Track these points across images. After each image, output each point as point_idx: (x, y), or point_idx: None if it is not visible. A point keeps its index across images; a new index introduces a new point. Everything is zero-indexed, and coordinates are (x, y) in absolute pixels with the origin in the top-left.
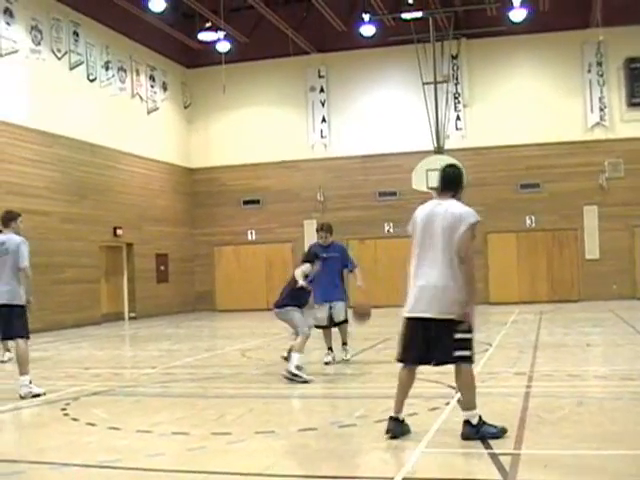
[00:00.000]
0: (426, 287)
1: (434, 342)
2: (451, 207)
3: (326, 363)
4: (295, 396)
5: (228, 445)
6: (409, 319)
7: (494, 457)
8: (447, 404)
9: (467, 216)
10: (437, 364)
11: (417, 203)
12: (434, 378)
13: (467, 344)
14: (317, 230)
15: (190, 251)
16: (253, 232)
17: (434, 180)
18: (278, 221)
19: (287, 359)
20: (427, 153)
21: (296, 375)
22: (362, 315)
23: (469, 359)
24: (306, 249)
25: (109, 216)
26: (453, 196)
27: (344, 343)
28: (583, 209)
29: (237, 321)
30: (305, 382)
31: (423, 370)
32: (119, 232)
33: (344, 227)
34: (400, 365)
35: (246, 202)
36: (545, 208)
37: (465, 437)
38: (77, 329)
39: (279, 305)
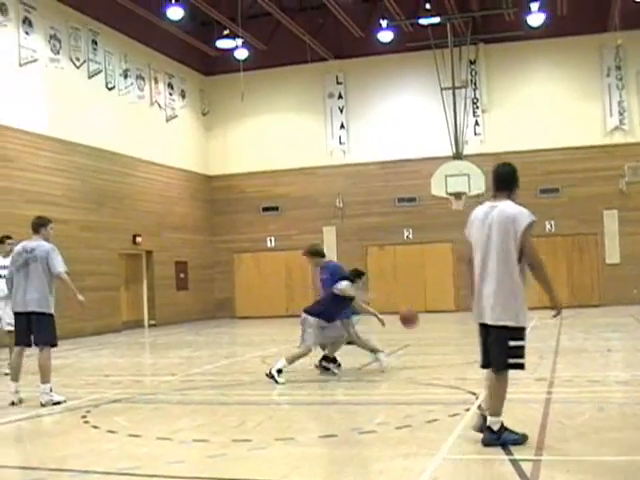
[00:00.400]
0: (482, 293)
1: (491, 348)
2: (505, 209)
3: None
4: (315, 403)
5: (248, 452)
6: (479, 325)
7: (515, 463)
8: (467, 410)
9: (521, 217)
10: (494, 370)
11: (436, 209)
12: (454, 384)
13: (520, 352)
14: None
15: (209, 258)
16: (272, 239)
17: (452, 186)
18: (297, 228)
19: (321, 366)
20: (446, 159)
21: (273, 377)
22: (409, 321)
23: (522, 366)
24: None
25: (128, 224)
26: (508, 196)
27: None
28: (603, 214)
29: (257, 328)
30: (277, 383)
31: (442, 376)
32: (138, 240)
33: (363, 233)
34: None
35: (265, 209)
36: (565, 213)
37: (486, 444)
38: (97, 337)
39: (318, 314)
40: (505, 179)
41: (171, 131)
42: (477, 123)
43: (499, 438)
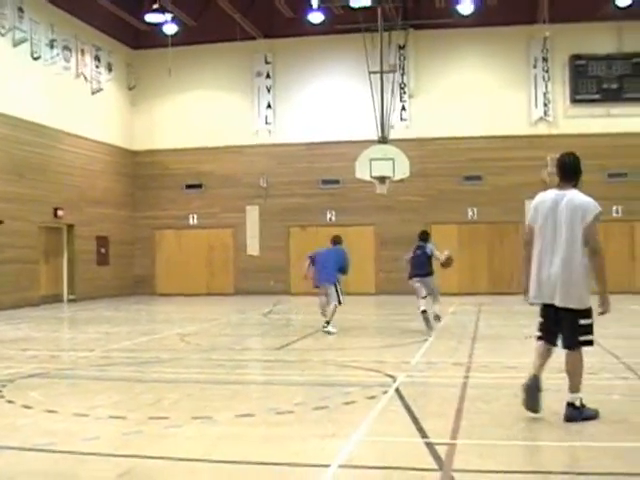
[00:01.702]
0: (550, 277)
1: (561, 327)
2: (574, 197)
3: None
4: (233, 382)
5: (165, 430)
6: (542, 305)
7: (431, 446)
8: (385, 392)
9: (590, 207)
10: (564, 347)
11: (360, 192)
12: (372, 367)
13: (589, 329)
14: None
15: (131, 234)
16: (195, 216)
17: (377, 169)
18: (220, 206)
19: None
20: (371, 142)
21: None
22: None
23: (591, 343)
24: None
25: (49, 197)
26: (574, 185)
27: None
28: (525, 203)
29: (176, 305)
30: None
31: (361, 359)
32: (60, 213)
33: (286, 213)
34: (539, 342)
35: (188, 186)
36: (487, 201)
37: (568, 419)
38: (15, 310)
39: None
40: (571, 169)
41: (96, 104)
42: (404, 108)
43: (581, 413)
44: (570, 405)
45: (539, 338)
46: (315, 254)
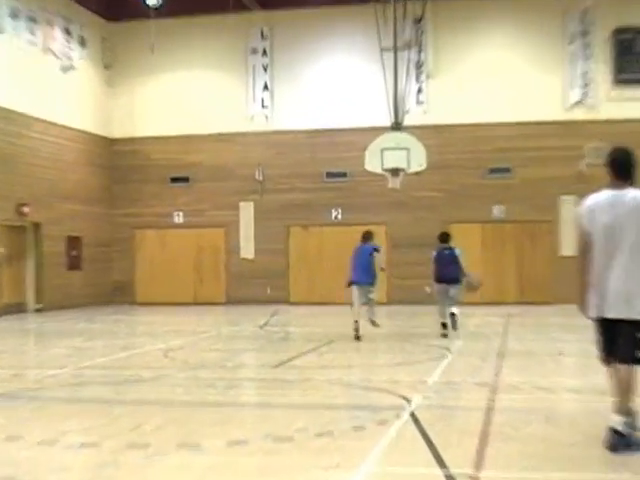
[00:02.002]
0: (609, 285)
1: (619, 341)
2: (637, 197)
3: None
4: (224, 404)
5: (145, 460)
6: (599, 320)
7: (451, 479)
8: (398, 417)
9: None
10: (620, 362)
11: (370, 187)
12: (384, 387)
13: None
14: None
15: (107, 234)
16: (181, 214)
17: (390, 160)
18: (210, 202)
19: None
20: (383, 130)
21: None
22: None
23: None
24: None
25: (12, 191)
26: (631, 184)
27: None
28: (559, 199)
29: (160, 316)
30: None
31: (372, 378)
32: (25, 210)
33: (285, 211)
34: (608, 366)
35: (174, 179)
36: (516, 197)
37: (612, 447)
38: None
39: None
40: (628, 165)
41: (67, 85)
42: (420, 90)
43: (627, 441)
44: (614, 431)
45: (606, 361)
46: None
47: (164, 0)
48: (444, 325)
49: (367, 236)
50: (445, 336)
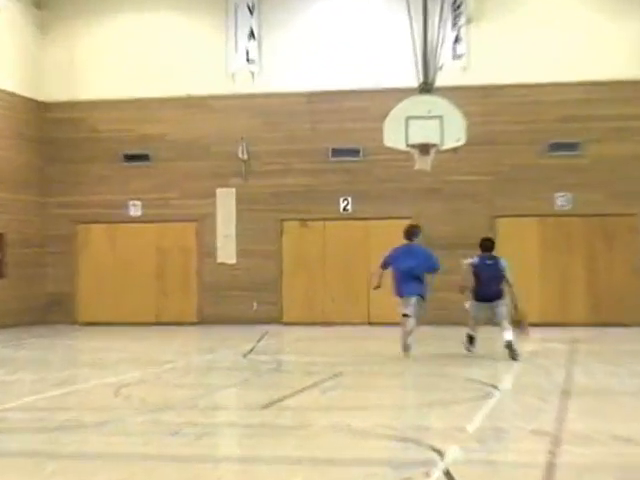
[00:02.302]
0: None
1: None
2: None
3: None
4: (195, 459)
5: None
6: None
7: None
8: (428, 475)
9: None
10: None
11: (390, 168)
12: (409, 435)
13: None
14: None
15: (39, 230)
16: (138, 204)
17: (417, 134)
18: (177, 188)
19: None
20: (408, 92)
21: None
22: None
23: None
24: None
25: None
26: None
27: None
28: None
29: (110, 341)
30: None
31: (392, 423)
32: None
33: (278, 200)
34: None
35: (128, 158)
36: (586, 181)
37: None
38: None
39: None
40: None
41: None
42: (458, 40)
43: None
44: None
45: None
46: (390, 257)
47: None
48: (471, 338)
49: (413, 231)
50: (470, 351)
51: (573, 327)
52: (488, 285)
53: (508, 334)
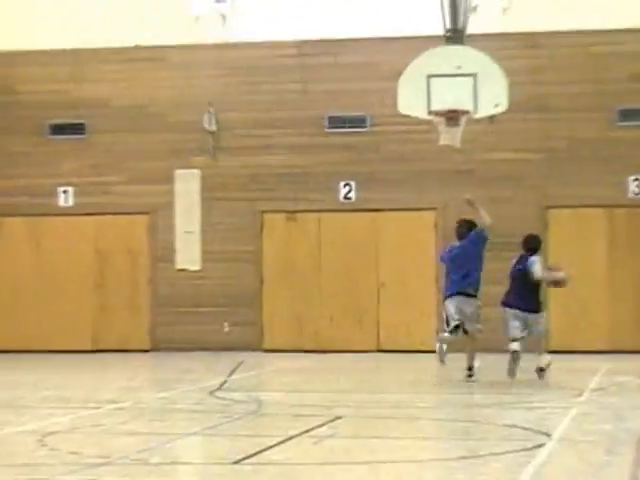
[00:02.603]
0: None
1: None
2: None
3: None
4: None
5: None
6: None
7: None
8: None
9: None
10: None
11: (406, 143)
12: None
13: None
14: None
15: None
16: (69, 191)
17: (442, 97)
18: (122, 170)
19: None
20: (431, 41)
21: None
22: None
23: None
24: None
25: None
26: None
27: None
28: None
29: (31, 373)
30: None
31: None
32: None
33: (257, 185)
34: None
35: (57, 129)
36: None
37: None
38: None
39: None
40: None
41: None
42: None
43: None
44: None
45: None
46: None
47: None
48: (514, 358)
49: (463, 228)
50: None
51: None
52: (519, 292)
53: (546, 358)
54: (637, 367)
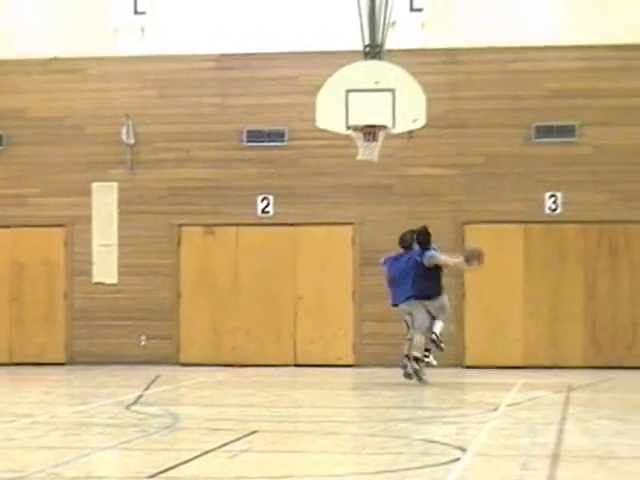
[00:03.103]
0: None
1: None
2: None
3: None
4: None
5: None
6: None
7: None
8: None
9: None
10: None
11: (325, 158)
12: None
13: None
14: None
15: None
16: None
17: (360, 112)
18: (38, 182)
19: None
20: (349, 56)
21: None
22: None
23: None
24: None
25: None
26: None
27: None
28: None
29: None
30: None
31: None
32: None
33: (175, 200)
34: None
35: None
36: (586, 177)
37: None
38: None
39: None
40: None
41: None
42: None
43: None
44: None
45: None
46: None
47: None
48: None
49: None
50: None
51: (567, 370)
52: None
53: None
54: (552, 382)
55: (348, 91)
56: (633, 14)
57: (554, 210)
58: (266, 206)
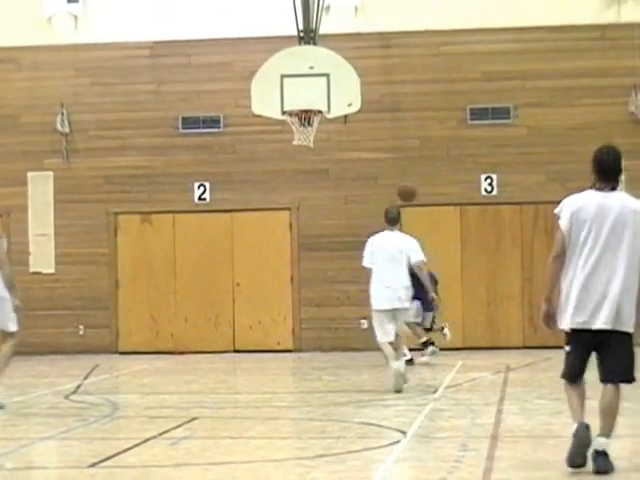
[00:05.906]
0: (595, 293)
1: (604, 357)
2: (627, 201)
3: None
4: None
5: None
6: (575, 331)
7: None
8: None
9: None
10: (604, 380)
11: (260, 143)
12: None
13: (634, 362)
14: None
15: None
16: None
17: (296, 97)
18: None
19: None
20: (283, 41)
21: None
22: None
23: (634, 378)
24: None
25: None
26: (614, 187)
27: None
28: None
29: None
30: None
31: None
32: None
33: (110, 188)
34: (565, 382)
35: None
36: (521, 158)
37: (602, 471)
38: None
39: None
40: (616, 169)
41: None
42: None
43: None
44: (602, 454)
45: (567, 378)
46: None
47: None
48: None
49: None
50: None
51: (505, 351)
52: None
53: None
54: (490, 363)
55: (283, 76)
56: None
57: (490, 192)
58: (202, 193)
